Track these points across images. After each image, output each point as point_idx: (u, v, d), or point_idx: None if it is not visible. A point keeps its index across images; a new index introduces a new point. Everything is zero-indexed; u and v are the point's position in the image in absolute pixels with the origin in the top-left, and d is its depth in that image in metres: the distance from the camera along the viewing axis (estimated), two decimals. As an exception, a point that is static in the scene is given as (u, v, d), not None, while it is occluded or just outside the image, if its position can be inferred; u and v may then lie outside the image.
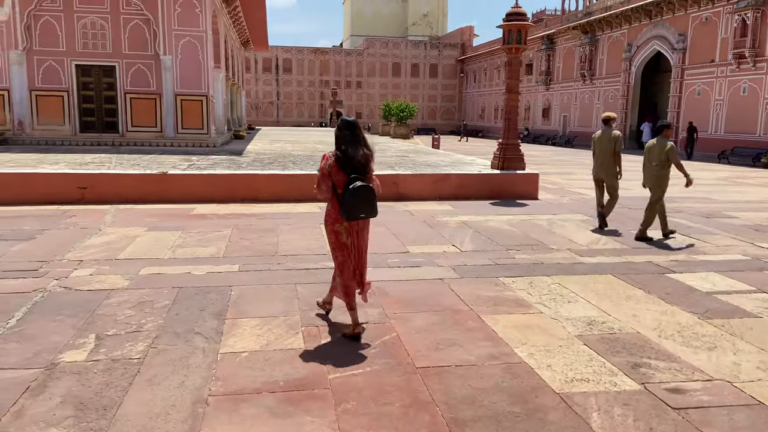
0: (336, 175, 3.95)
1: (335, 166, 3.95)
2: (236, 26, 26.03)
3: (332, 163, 3.95)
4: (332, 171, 3.95)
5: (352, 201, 3.87)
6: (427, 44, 64.46)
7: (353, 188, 3.85)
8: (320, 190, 4.02)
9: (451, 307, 4.82)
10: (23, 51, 14.98)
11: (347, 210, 3.92)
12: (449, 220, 8.64)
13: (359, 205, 3.91)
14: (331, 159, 3.97)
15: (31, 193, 9.21)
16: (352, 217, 3.96)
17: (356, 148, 3.96)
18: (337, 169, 3.95)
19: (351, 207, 3.90)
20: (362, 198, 3.89)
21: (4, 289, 4.99)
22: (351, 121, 4.04)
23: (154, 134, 15.93)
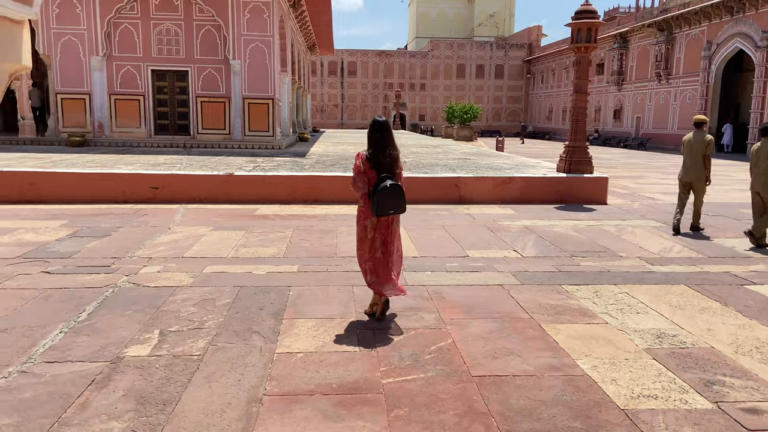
0: (368, 173, 4.22)
1: (367, 165, 4.22)
2: (303, 30, 26.52)
3: (365, 161, 4.22)
4: (366, 169, 4.22)
5: (382, 198, 4.12)
6: (493, 45, 63.59)
7: (384, 186, 4.12)
8: (357, 187, 4.26)
9: (511, 314, 4.68)
10: (103, 57, 15.81)
11: (378, 206, 4.15)
12: (511, 225, 8.44)
13: (389, 202, 4.17)
14: (365, 158, 4.24)
15: (109, 192, 9.66)
16: (382, 212, 4.19)
17: (386, 148, 4.24)
18: (369, 168, 4.23)
19: (381, 204, 4.14)
20: (392, 195, 4.16)
21: (78, 284, 5.24)
22: (382, 122, 4.29)
23: (223, 136, 16.44)
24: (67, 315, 4.44)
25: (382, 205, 4.15)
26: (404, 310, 4.70)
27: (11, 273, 5.49)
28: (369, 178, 4.22)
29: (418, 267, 6.03)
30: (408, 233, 7.67)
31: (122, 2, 15.57)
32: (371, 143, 4.27)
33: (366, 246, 4.39)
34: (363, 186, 4.24)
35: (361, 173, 4.23)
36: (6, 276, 5.38)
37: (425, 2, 74.77)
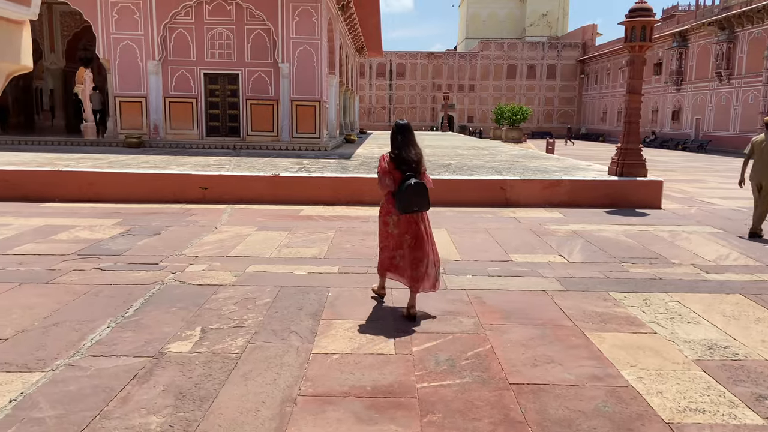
0: (393, 172, 4.41)
1: (392, 165, 4.42)
2: (351, 33, 26.71)
3: (389, 162, 4.43)
4: (390, 169, 4.42)
5: (407, 196, 4.29)
6: (545, 45, 62.50)
7: (408, 185, 4.28)
8: (383, 185, 4.48)
9: (553, 321, 4.55)
10: (159, 61, 16.33)
11: (402, 204, 4.32)
12: (558, 229, 8.24)
13: (413, 200, 4.32)
14: (388, 158, 4.45)
15: (161, 192, 9.96)
16: (407, 210, 4.35)
17: (409, 148, 4.43)
18: (393, 168, 4.42)
19: (406, 201, 4.31)
20: (416, 193, 4.31)
21: (128, 280, 5.41)
22: (404, 124, 4.52)
23: (271, 138, 16.72)
24: (115, 310, 4.58)
25: (407, 202, 4.31)
26: (443, 314, 4.65)
27: (66, 269, 5.71)
28: (393, 177, 4.41)
29: (460, 270, 5.95)
30: (450, 236, 7.59)
31: (177, 8, 16.05)
32: (395, 145, 4.46)
33: (391, 242, 4.56)
34: (389, 184, 4.43)
35: (386, 173, 4.43)
36: (61, 272, 5.61)
37: (476, 3, 74.21)
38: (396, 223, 4.50)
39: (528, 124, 58.55)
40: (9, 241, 6.83)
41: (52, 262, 5.93)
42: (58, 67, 20.67)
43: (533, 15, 73.01)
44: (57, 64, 20.57)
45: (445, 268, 6.00)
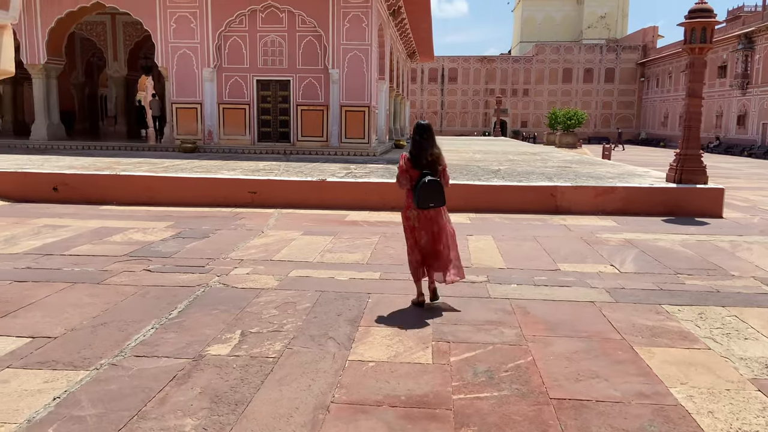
0: (411, 171, 4.71)
1: (409, 164, 4.72)
2: (403, 38, 26.76)
3: (408, 161, 4.72)
4: (408, 168, 4.71)
5: (423, 192, 4.61)
6: (603, 47, 60.90)
7: (423, 182, 4.60)
8: (400, 183, 4.79)
9: (600, 334, 4.37)
10: (214, 68, 16.79)
11: (419, 200, 4.64)
12: (611, 237, 7.95)
13: (429, 196, 4.63)
14: (407, 158, 4.74)
15: (212, 196, 10.21)
16: (423, 205, 4.67)
17: (428, 148, 4.71)
18: (411, 167, 4.72)
19: (422, 197, 4.63)
20: (431, 189, 4.62)
21: (174, 282, 5.53)
22: (425, 125, 4.78)
23: (320, 143, 16.89)
24: (160, 312, 4.69)
25: (423, 198, 4.63)
26: (483, 324, 4.54)
27: (117, 270, 5.90)
28: (411, 176, 4.72)
29: (504, 279, 5.81)
30: (496, 243, 7.44)
31: (232, 16, 16.46)
32: (414, 144, 4.74)
33: (413, 236, 4.87)
34: (406, 182, 4.75)
35: (404, 171, 4.74)
36: (112, 273, 5.80)
37: (531, 6, 73.12)
38: (416, 218, 4.79)
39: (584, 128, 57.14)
40: (67, 242, 7.12)
41: (105, 263, 6.14)
42: (120, 75, 21.55)
43: (591, 17, 71.31)
44: (119, 73, 21.46)
45: (488, 277, 5.88)
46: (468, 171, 12.57)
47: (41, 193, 10.37)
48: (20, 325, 4.31)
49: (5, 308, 4.67)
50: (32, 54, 17.09)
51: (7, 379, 3.45)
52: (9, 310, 4.62)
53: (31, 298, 4.94)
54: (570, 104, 57.29)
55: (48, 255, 6.46)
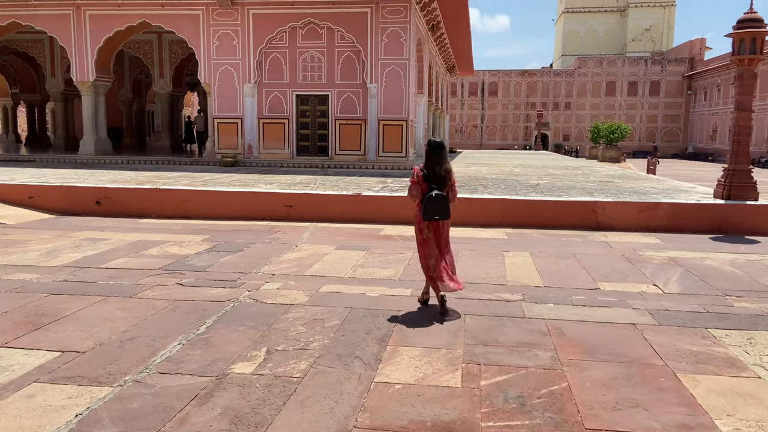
0: (421, 184, 5.05)
1: (421, 178, 5.06)
2: (442, 53, 26.72)
3: (420, 175, 5.06)
4: (419, 181, 5.05)
5: (430, 206, 4.97)
6: (648, 60, 59.56)
7: (430, 196, 4.97)
8: (411, 195, 5.16)
9: (641, 359, 4.13)
10: (254, 84, 17.06)
11: (425, 212, 5.01)
12: (654, 256, 7.62)
13: (435, 209, 5.00)
14: (419, 172, 5.07)
15: (248, 210, 10.28)
16: (429, 218, 5.04)
17: (441, 163, 5.07)
18: (423, 180, 5.06)
19: (429, 210, 4.99)
20: (436, 203, 4.98)
21: (205, 297, 5.53)
22: (438, 142, 5.13)
23: (358, 157, 16.91)
24: (188, 327, 4.67)
25: (428, 211, 4.99)
26: (516, 345, 4.36)
27: (151, 284, 5.95)
28: (422, 188, 5.06)
29: (540, 298, 5.60)
30: (533, 260, 7.22)
31: (273, 33, 16.72)
32: (429, 158, 5.08)
33: (426, 245, 5.18)
34: (417, 195, 5.10)
35: (416, 184, 5.09)
36: (146, 286, 5.84)
37: (573, 19, 72.22)
38: (428, 228, 5.13)
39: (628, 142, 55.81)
40: (105, 255, 7.24)
41: (140, 277, 6.20)
42: (165, 91, 22.13)
43: (635, 30, 69.93)
44: (165, 89, 22.04)
45: (524, 295, 5.68)
46: (506, 185, 12.34)
47: (85, 207, 10.65)
48: (51, 338, 4.36)
49: (39, 321, 4.73)
50: (81, 72, 17.72)
51: (33, 393, 3.46)
52: (43, 323, 4.68)
53: (65, 311, 5.01)
54: (613, 118, 56.08)
55: (86, 268, 6.58)
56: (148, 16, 17.21)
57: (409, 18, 16.27)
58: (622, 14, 71.07)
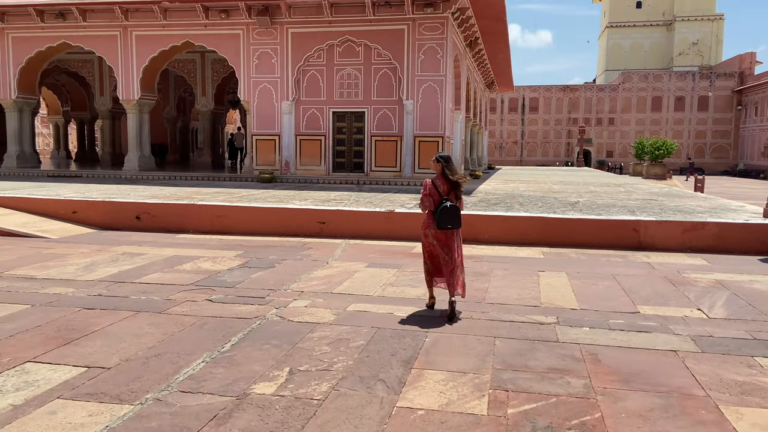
0: (433, 195, 5.47)
1: (433, 190, 5.49)
2: (481, 68, 26.59)
3: (431, 187, 5.49)
4: (431, 192, 5.47)
5: (443, 216, 5.37)
6: (696, 75, 58.03)
7: (444, 207, 5.38)
8: (423, 205, 5.53)
9: (681, 389, 3.90)
10: (292, 101, 17.28)
11: (439, 221, 5.39)
12: (699, 278, 7.28)
13: (448, 219, 5.39)
14: (430, 184, 5.51)
15: (282, 226, 10.32)
16: (442, 226, 5.41)
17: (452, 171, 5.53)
18: (434, 192, 5.48)
19: (442, 219, 5.37)
20: (450, 213, 5.39)
21: (233, 313, 5.52)
22: (445, 156, 5.58)
23: (393, 174, 16.88)
24: (213, 344, 4.65)
25: (442, 220, 5.38)
26: (548, 371, 4.17)
27: (181, 299, 5.98)
28: (434, 200, 5.46)
29: (575, 322, 5.38)
30: (570, 281, 6.98)
31: (310, 51, 16.94)
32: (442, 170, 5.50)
33: (431, 250, 5.60)
34: (429, 205, 5.49)
35: (427, 195, 5.49)
36: (175, 302, 5.88)
37: (617, 33, 71.05)
38: (434, 236, 5.52)
39: (675, 159, 54.33)
40: (140, 270, 7.35)
41: (171, 292, 6.25)
42: (207, 109, 22.67)
43: (682, 44, 68.31)
44: (206, 107, 22.57)
45: (558, 318, 5.47)
46: (544, 203, 12.07)
47: (125, 222, 10.89)
48: (79, 353, 4.40)
49: (70, 336, 4.79)
50: (127, 90, 18.30)
51: (55, 410, 3.47)
52: (72, 338, 4.74)
53: (96, 326, 5.06)
54: (660, 133, 54.70)
55: (120, 282, 6.67)
56: (191, 36, 17.69)
57: (446, 34, 16.24)
58: (669, 28, 69.57)
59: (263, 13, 16.78)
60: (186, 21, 17.57)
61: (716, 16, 67.95)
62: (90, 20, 18.12)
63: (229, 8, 17.13)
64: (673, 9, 68.51)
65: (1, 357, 4.29)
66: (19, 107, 19.55)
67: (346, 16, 16.62)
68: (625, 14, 70.49)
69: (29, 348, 4.48)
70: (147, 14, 17.71)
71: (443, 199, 5.44)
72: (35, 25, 18.42)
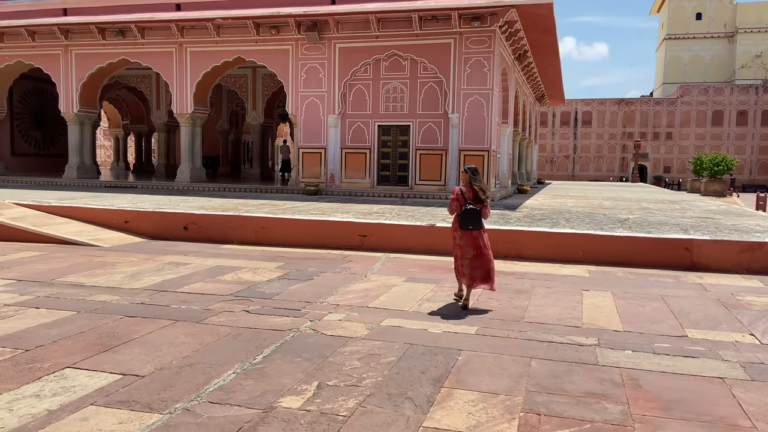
0: (460, 201, 6.32)
1: (460, 196, 6.34)
2: (530, 81, 26.24)
3: (459, 193, 6.35)
4: (458, 198, 6.33)
5: (465, 217, 6.25)
6: (759, 88, 55.70)
7: (465, 209, 6.26)
8: (451, 209, 6.41)
9: (726, 418, 3.67)
10: (338, 115, 17.46)
11: (461, 222, 6.28)
12: (755, 301, 6.89)
13: (468, 220, 6.25)
14: (458, 191, 6.37)
15: (323, 238, 10.39)
16: (464, 227, 6.29)
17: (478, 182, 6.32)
18: (462, 197, 6.32)
19: (463, 221, 6.27)
20: (469, 215, 6.25)
21: (267, 325, 5.56)
22: (473, 168, 6.42)
23: (438, 187, 16.77)
24: (245, 356, 4.69)
25: (463, 221, 6.26)
26: (584, 396, 4.00)
27: (219, 309, 6.07)
28: (460, 204, 6.31)
29: (617, 344, 5.16)
30: (615, 301, 6.73)
31: (357, 65, 17.11)
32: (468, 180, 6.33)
33: (459, 250, 6.43)
34: (455, 209, 6.35)
35: (455, 201, 6.35)
36: (213, 312, 5.97)
37: (676, 46, 68.98)
38: (461, 237, 6.37)
39: (738, 175, 52.15)
40: (183, 280, 7.52)
41: (210, 302, 6.36)
42: (257, 122, 23.18)
43: (745, 56, 65.70)
44: (257, 120, 23.08)
45: (599, 340, 5.27)
46: (591, 219, 11.73)
47: (173, 232, 11.21)
48: (116, 360, 4.50)
49: (109, 343, 4.93)
50: (181, 105, 18.92)
51: (87, 416, 3.55)
52: (112, 345, 4.87)
53: (135, 333, 5.19)
54: (721, 149, 52.62)
55: (163, 291, 6.84)
56: (243, 52, 18.16)
57: (493, 48, 16.11)
58: (730, 40, 67.10)
59: (312, 29, 17.07)
60: (238, 37, 18.06)
61: (781, 27, 65.10)
62: (148, 37, 18.87)
63: (279, 24, 17.51)
64: (735, 21, 66.11)
65: (43, 362, 4.45)
66: (80, 120, 20.48)
67: (392, 30, 16.72)
68: (684, 26, 68.42)
69: (70, 354, 4.63)
70: (201, 31, 18.30)
71: (467, 203, 6.26)
72: (97, 42, 19.31)
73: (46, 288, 6.91)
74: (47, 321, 5.52)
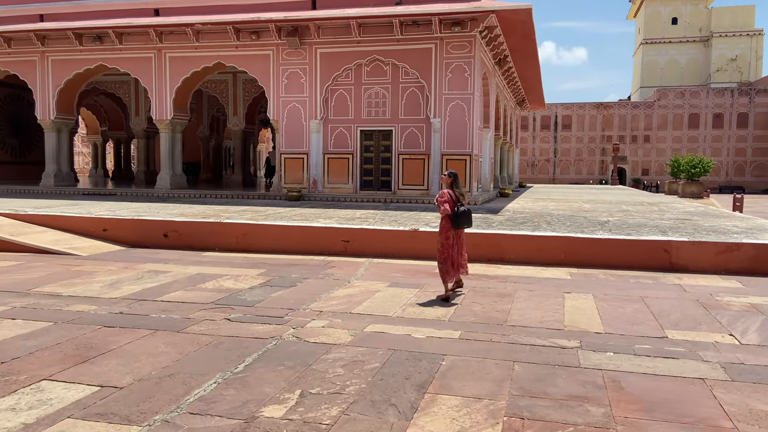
0: (450, 203, 6.74)
1: (451, 199, 6.78)
2: (511, 86, 26.45)
3: (449, 196, 6.78)
4: (449, 200, 6.75)
5: (461, 218, 6.77)
6: (735, 91, 56.83)
7: (462, 210, 6.78)
8: (444, 209, 6.72)
9: (707, 419, 3.70)
10: (320, 120, 17.44)
11: (457, 222, 6.78)
12: (733, 301, 6.99)
13: (464, 221, 6.83)
14: (448, 194, 6.81)
15: (307, 244, 10.34)
16: (458, 227, 6.83)
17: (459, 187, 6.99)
18: (451, 200, 6.79)
19: (460, 221, 6.78)
20: (466, 217, 6.84)
21: (249, 333, 5.50)
22: (454, 173, 7.06)
23: (420, 192, 16.82)
24: (227, 365, 4.63)
25: (460, 222, 6.78)
26: (567, 399, 4.02)
27: (199, 318, 6.00)
28: (451, 206, 6.72)
29: (599, 346, 5.19)
30: (596, 303, 6.78)
31: (339, 70, 17.12)
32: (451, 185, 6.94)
33: (449, 249, 6.86)
34: (448, 210, 6.71)
35: (449, 202, 6.74)
36: (194, 321, 5.89)
37: (652, 50, 70.13)
38: (454, 237, 6.88)
39: (714, 177, 53.04)
40: (162, 288, 7.42)
41: (190, 311, 6.28)
42: (239, 128, 23.07)
43: (720, 60, 67.03)
44: (238, 126, 22.99)
45: (581, 342, 5.30)
46: (573, 222, 11.82)
47: (153, 239, 11.07)
48: (94, 372, 4.42)
49: (87, 354, 4.83)
50: (160, 110, 18.75)
51: (64, 430, 3.47)
52: (89, 356, 4.77)
53: (113, 344, 5.10)
54: (697, 151, 53.52)
55: (142, 300, 6.74)
56: (223, 57, 18.07)
57: (474, 53, 16.21)
58: (706, 44, 68.41)
59: (293, 34, 17.04)
60: (218, 42, 17.96)
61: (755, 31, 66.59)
62: (126, 43, 18.68)
63: (260, 29, 17.45)
64: (710, 25, 67.40)
65: (19, 374, 4.35)
66: (57, 127, 20.20)
67: (374, 35, 16.76)
68: (660, 30, 69.61)
69: (47, 366, 4.53)
70: (180, 36, 18.17)
71: (458, 205, 6.80)
72: (74, 48, 19.08)
73: (23, 298, 6.78)
74: (23, 332, 5.40)
